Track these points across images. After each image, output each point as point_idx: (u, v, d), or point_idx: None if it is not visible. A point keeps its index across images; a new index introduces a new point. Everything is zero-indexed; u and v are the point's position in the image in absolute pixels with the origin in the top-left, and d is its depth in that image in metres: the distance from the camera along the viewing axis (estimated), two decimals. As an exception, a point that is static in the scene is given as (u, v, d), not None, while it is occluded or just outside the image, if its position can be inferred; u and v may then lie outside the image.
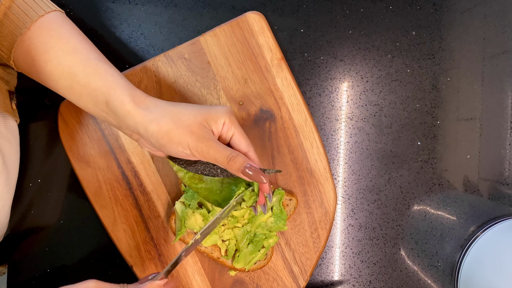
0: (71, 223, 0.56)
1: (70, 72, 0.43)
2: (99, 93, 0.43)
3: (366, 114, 0.57)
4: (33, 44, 0.43)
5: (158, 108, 0.43)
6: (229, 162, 0.42)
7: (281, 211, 0.52)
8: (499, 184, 0.58)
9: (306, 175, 0.54)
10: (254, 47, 0.54)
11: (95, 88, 0.43)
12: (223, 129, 0.45)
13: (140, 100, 0.43)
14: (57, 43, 0.43)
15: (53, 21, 0.44)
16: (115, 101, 0.42)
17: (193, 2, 0.56)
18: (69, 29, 0.44)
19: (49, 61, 0.43)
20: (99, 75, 0.43)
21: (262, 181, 0.43)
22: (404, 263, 0.58)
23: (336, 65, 0.57)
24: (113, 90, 0.42)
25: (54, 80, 0.44)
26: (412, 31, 0.57)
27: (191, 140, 0.42)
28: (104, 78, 0.43)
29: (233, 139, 0.45)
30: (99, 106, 0.43)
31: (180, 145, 0.42)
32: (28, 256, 0.56)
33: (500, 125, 0.57)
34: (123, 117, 0.42)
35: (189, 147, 0.42)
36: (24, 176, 0.55)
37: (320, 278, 0.58)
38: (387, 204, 0.57)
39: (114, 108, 0.42)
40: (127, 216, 0.55)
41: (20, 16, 0.43)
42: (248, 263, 0.53)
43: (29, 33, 0.43)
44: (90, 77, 0.43)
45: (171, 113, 0.43)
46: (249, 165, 0.42)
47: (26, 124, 0.55)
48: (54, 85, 0.44)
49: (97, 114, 0.45)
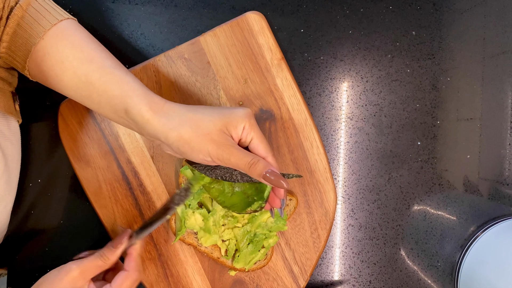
0: (71, 223, 0.56)
1: (86, 82, 0.42)
2: (117, 102, 0.42)
3: (366, 114, 0.57)
4: (48, 54, 0.43)
5: (176, 115, 0.43)
6: (250, 168, 0.42)
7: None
8: (499, 184, 0.58)
9: (306, 175, 0.54)
10: (254, 47, 0.54)
11: (113, 96, 0.42)
12: (243, 134, 0.44)
13: (158, 107, 0.42)
14: (71, 52, 0.43)
15: (66, 29, 0.44)
16: (133, 110, 0.42)
17: (193, 2, 0.56)
18: (82, 37, 0.44)
19: (65, 71, 0.43)
20: (115, 83, 0.43)
21: (283, 186, 0.43)
22: (404, 263, 0.58)
23: (336, 65, 0.57)
24: (130, 99, 0.42)
25: (72, 90, 0.44)
26: (412, 31, 0.57)
27: (211, 148, 0.42)
28: (120, 86, 0.42)
29: (252, 143, 0.45)
30: (119, 114, 0.43)
31: (201, 153, 0.42)
32: (29, 256, 0.56)
33: (500, 125, 0.57)
34: (142, 125, 0.42)
35: (210, 155, 0.42)
36: (24, 176, 0.55)
37: (320, 278, 0.58)
38: (387, 204, 0.57)
39: (133, 117, 0.42)
40: (127, 216, 0.55)
41: (33, 25, 0.42)
42: (248, 263, 0.53)
43: (42, 42, 0.42)
44: (106, 86, 0.42)
45: (191, 120, 0.42)
46: (270, 170, 0.42)
47: (26, 124, 0.55)
48: (73, 95, 0.44)
49: (119, 122, 0.45)
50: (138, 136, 0.54)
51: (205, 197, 0.52)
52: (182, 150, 0.42)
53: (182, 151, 0.42)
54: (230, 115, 0.43)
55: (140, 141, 0.54)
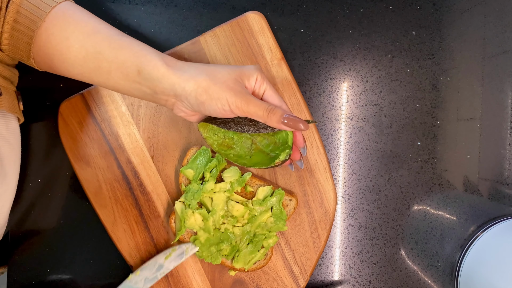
0: (71, 223, 0.56)
1: (95, 52, 0.43)
2: (129, 64, 0.43)
3: (366, 114, 0.57)
4: (52, 34, 0.43)
5: (192, 67, 0.44)
6: (269, 114, 0.43)
7: (281, 211, 0.52)
8: (499, 184, 0.58)
9: (306, 175, 0.54)
10: (254, 47, 0.54)
11: (124, 60, 0.43)
12: (256, 85, 0.46)
13: (173, 63, 0.43)
14: (76, 27, 0.43)
15: (67, 10, 0.44)
16: (147, 67, 0.42)
17: (193, 2, 0.56)
18: (84, 14, 0.45)
19: (71, 46, 0.43)
20: (125, 48, 0.43)
21: (302, 128, 0.44)
22: (404, 263, 0.58)
23: (336, 65, 0.57)
24: (144, 57, 0.43)
25: (79, 65, 0.44)
26: (412, 31, 0.57)
27: (229, 96, 0.42)
28: (131, 48, 0.43)
29: (265, 95, 0.46)
30: (130, 78, 0.43)
31: (219, 101, 0.43)
32: (28, 256, 0.56)
33: (500, 125, 0.57)
34: (158, 81, 0.43)
35: (228, 103, 0.43)
36: (24, 176, 0.55)
37: (320, 278, 0.58)
38: (387, 204, 0.57)
39: (147, 74, 0.43)
40: (127, 216, 0.55)
41: (33, 10, 0.43)
42: (248, 263, 0.53)
43: (45, 25, 0.43)
44: (117, 51, 0.43)
45: (206, 70, 0.43)
46: (288, 115, 0.44)
47: (26, 124, 0.55)
48: (79, 71, 0.44)
49: (128, 88, 0.45)
50: (138, 136, 0.54)
51: (205, 196, 0.52)
52: (200, 100, 0.43)
53: (201, 100, 0.43)
54: (243, 68, 0.45)
55: (140, 141, 0.54)
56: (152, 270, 0.52)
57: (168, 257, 0.53)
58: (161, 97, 0.45)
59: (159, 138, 0.54)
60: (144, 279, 0.52)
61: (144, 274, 0.52)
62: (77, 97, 0.54)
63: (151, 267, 0.52)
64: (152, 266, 0.52)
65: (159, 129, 0.54)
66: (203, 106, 0.43)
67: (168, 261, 0.52)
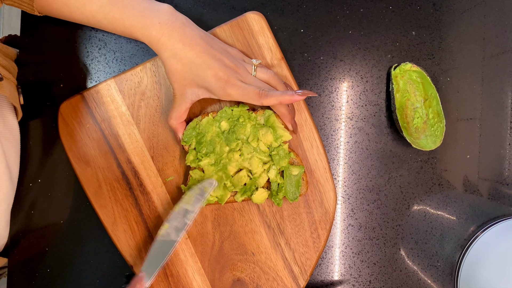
0: (71, 223, 0.56)
1: (94, 20, 0.48)
2: (128, 35, 0.48)
3: (366, 114, 0.57)
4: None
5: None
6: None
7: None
8: (499, 184, 0.58)
9: (306, 175, 0.54)
10: (254, 47, 0.54)
11: (121, 32, 0.48)
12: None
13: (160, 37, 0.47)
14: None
15: None
16: (143, 39, 0.47)
17: (193, 2, 0.56)
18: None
19: (73, 12, 0.48)
20: (116, 22, 0.47)
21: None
22: (404, 263, 0.58)
23: (336, 65, 0.57)
24: (135, 33, 0.47)
25: (85, 24, 0.49)
26: (412, 31, 0.57)
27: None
28: (123, 24, 0.47)
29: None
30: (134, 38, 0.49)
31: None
32: (29, 256, 0.56)
33: (500, 125, 0.57)
34: (154, 46, 0.47)
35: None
36: (24, 176, 0.55)
37: (320, 278, 0.58)
38: (387, 204, 0.57)
39: (146, 42, 0.47)
40: (127, 216, 0.55)
41: None
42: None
43: None
44: (112, 25, 0.48)
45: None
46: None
47: (26, 124, 0.55)
48: (88, 25, 0.50)
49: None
50: (138, 136, 0.54)
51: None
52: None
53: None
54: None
55: (140, 141, 0.54)
56: (179, 218, 0.51)
57: (190, 200, 0.52)
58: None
59: (159, 138, 0.54)
60: (175, 229, 0.51)
61: (172, 224, 0.51)
62: (77, 97, 0.54)
63: (176, 215, 0.51)
64: (177, 214, 0.51)
65: (159, 129, 0.54)
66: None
67: (191, 204, 0.52)
